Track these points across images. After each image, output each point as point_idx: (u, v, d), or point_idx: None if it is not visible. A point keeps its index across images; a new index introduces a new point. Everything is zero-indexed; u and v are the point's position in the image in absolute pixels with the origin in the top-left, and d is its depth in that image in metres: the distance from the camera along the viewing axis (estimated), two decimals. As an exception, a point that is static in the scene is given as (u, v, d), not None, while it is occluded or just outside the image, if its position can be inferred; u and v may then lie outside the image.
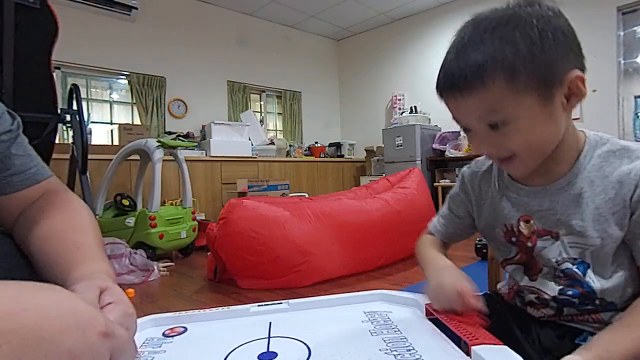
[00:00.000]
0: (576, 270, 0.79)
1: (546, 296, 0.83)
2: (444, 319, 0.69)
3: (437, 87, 0.77)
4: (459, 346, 0.61)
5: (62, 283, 0.66)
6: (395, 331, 0.70)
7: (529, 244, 0.84)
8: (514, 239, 0.88)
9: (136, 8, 5.27)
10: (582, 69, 0.73)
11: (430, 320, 0.73)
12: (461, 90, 0.72)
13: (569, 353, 0.69)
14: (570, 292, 0.81)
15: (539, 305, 0.87)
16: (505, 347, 0.57)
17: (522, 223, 0.85)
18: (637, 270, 0.80)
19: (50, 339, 0.38)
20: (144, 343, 0.70)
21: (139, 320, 0.71)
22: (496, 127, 0.73)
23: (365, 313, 0.80)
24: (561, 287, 0.82)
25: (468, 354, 0.58)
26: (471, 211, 1.00)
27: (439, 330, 0.68)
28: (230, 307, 0.85)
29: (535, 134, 0.73)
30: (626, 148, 0.77)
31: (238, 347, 0.67)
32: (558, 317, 0.85)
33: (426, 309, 0.76)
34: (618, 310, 0.79)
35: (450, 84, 0.74)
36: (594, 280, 0.78)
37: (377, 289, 0.91)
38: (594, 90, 5.12)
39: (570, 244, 0.79)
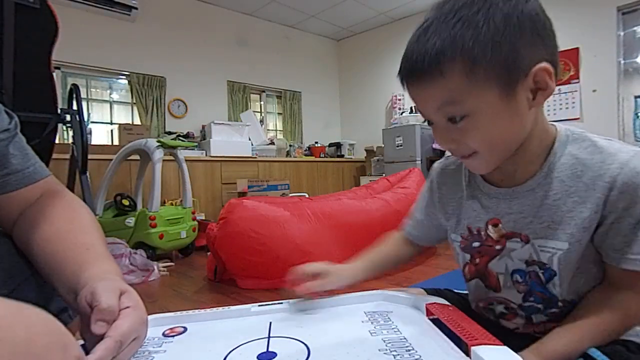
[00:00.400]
0: (541, 275, 0.77)
1: (513, 305, 0.82)
2: (444, 319, 0.69)
3: (399, 73, 0.73)
4: (459, 346, 0.61)
5: (71, 283, 0.67)
6: (395, 331, 0.69)
7: (498, 247, 0.81)
8: (475, 244, 0.84)
9: (136, 8, 5.27)
10: (552, 61, 0.68)
11: (431, 320, 0.73)
12: (419, 77, 0.69)
13: None
14: (532, 299, 0.79)
15: (509, 315, 0.85)
16: (505, 347, 0.57)
17: (490, 227, 0.82)
18: (597, 271, 0.77)
19: (38, 353, 0.40)
20: (144, 343, 0.70)
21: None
22: (455, 121, 0.69)
23: (365, 313, 0.80)
24: (522, 294, 0.80)
25: (468, 354, 0.58)
26: (435, 211, 0.97)
27: (439, 331, 0.68)
28: (231, 307, 0.86)
29: (496, 130, 0.69)
30: (599, 147, 0.73)
31: (238, 347, 0.67)
32: (531, 327, 0.83)
33: (427, 309, 0.76)
34: None
35: (409, 70, 0.70)
36: (555, 286, 0.76)
37: (377, 289, 0.91)
38: (594, 90, 5.13)
39: (541, 247, 0.75)
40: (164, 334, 0.76)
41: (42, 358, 0.40)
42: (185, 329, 0.78)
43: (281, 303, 0.87)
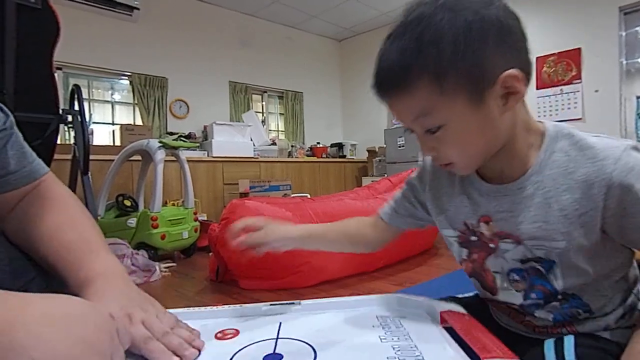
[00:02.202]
0: (540, 268, 0.75)
1: (514, 307, 0.81)
2: (458, 328, 0.67)
3: (372, 87, 0.75)
4: (472, 359, 0.59)
5: (72, 279, 0.73)
6: (406, 339, 0.67)
7: (492, 245, 0.80)
8: (473, 238, 0.83)
9: (138, 9, 5.27)
10: (522, 65, 0.67)
11: (445, 329, 0.71)
12: (389, 93, 0.72)
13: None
14: (534, 295, 0.78)
15: (513, 314, 0.85)
16: None
17: (482, 224, 0.81)
18: (610, 267, 0.76)
19: (81, 321, 0.51)
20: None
21: None
22: (432, 131, 0.71)
23: (378, 317, 0.78)
24: (522, 292, 0.79)
25: None
26: (416, 202, 0.97)
27: (452, 340, 0.66)
28: (243, 305, 0.86)
29: (469, 138, 0.70)
30: (589, 145, 0.71)
31: (245, 346, 0.67)
32: (533, 327, 0.83)
33: (441, 316, 0.73)
34: (595, 315, 0.77)
35: (379, 85, 0.73)
36: (556, 277, 0.75)
37: (379, 289, 0.91)
38: (596, 91, 5.13)
39: (534, 246, 0.74)
40: None
41: (83, 323, 0.51)
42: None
43: (292, 303, 0.86)
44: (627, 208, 0.67)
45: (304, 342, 0.68)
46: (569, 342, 0.73)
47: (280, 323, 0.78)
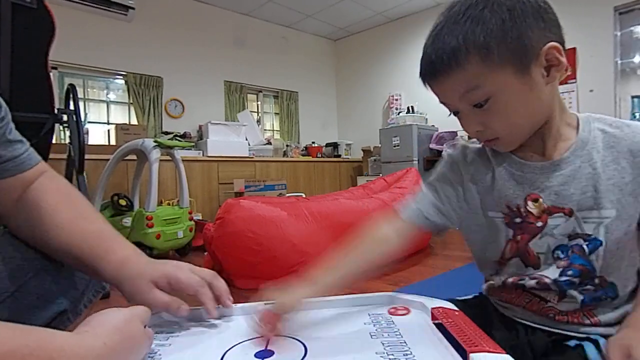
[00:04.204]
0: (585, 247, 0.77)
1: (547, 280, 0.80)
2: (447, 323, 0.68)
3: (420, 75, 0.79)
4: (459, 353, 0.60)
5: (106, 262, 0.79)
6: (397, 335, 0.69)
7: (539, 224, 0.80)
8: (518, 220, 0.82)
9: (133, 8, 5.25)
10: (559, 40, 0.74)
11: (435, 324, 0.72)
12: (440, 73, 0.74)
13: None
14: (570, 272, 0.78)
15: (534, 303, 0.84)
16: (508, 356, 0.55)
17: (530, 202, 0.81)
18: None
19: (126, 331, 0.60)
20: (155, 334, 0.73)
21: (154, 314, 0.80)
22: (479, 106, 0.74)
23: (369, 315, 0.80)
24: (561, 269, 0.79)
25: None
26: (459, 195, 0.90)
27: (442, 336, 0.67)
28: (239, 304, 0.87)
29: (517, 107, 0.74)
30: (624, 123, 0.79)
31: (238, 344, 0.68)
32: (554, 316, 0.82)
33: (432, 313, 0.74)
34: (617, 301, 0.78)
35: (429, 69, 0.76)
36: (598, 258, 0.76)
37: (375, 289, 0.91)
38: (591, 90, 5.15)
39: (585, 219, 0.77)
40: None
41: (128, 330, 0.60)
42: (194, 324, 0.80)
43: None
44: None
45: (295, 338, 0.69)
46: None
47: None
